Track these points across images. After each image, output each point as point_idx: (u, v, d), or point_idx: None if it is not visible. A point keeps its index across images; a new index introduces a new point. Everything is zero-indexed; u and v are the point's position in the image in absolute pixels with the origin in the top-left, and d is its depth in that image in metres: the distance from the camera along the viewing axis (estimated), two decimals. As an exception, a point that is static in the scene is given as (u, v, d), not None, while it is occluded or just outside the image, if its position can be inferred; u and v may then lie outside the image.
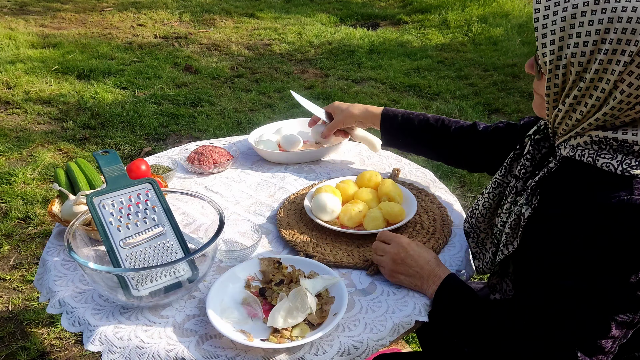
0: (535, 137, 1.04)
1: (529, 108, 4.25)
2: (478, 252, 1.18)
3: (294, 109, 4.15)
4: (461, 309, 1.03)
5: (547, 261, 0.90)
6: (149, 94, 4.38)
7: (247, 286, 1.13)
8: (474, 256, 1.20)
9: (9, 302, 2.27)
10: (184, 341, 1.00)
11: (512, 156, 1.09)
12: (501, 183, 1.10)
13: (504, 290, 1.08)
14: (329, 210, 1.32)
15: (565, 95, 0.90)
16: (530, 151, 1.03)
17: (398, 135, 1.51)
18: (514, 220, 1.00)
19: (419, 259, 1.10)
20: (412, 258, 1.10)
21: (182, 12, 6.94)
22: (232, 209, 1.44)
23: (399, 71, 5.03)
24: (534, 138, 1.04)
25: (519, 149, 1.08)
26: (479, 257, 1.18)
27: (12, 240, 2.62)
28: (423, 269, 1.09)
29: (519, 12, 6.76)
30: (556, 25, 0.86)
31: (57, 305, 1.11)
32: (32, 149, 3.48)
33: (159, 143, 3.63)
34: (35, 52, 5.16)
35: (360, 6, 7.42)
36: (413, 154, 1.59)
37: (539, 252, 0.92)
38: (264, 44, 5.91)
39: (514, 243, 1.00)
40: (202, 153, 1.62)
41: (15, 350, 2.04)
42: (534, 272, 0.93)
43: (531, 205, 0.96)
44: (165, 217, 1.12)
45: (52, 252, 1.25)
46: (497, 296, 1.10)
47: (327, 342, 1.00)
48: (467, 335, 1.03)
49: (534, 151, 1.03)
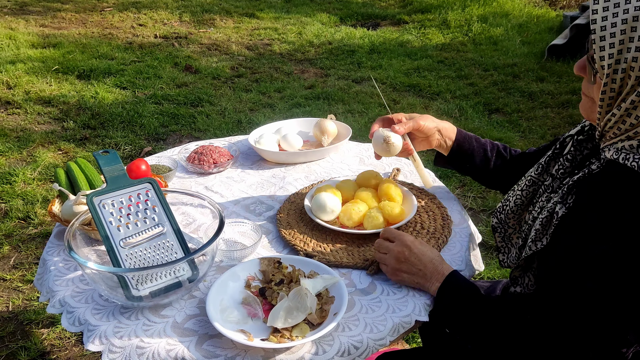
0: (578, 138, 1.01)
1: (529, 108, 4.25)
2: (504, 247, 1.17)
3: (294, 109, 4.15)
4: (464, 306, 1.03)
5: (576, 262, 0.88)
6: (149, 93, 4.38)
7: (247, 286, 1.13)
8: (498, 250, 1.19)
9: (9, 302, 2.27)
10: (184, 341, 1.00)
11: (551, 155, 1.07)
12: (536, 181, 1.08)
13: (526, 284, 1.08)
14: (329, 210, 1.32)
15: (621, 99, 0.86)
16: (571, 151, 1.01)
17: (467, 156, 1.38)
18: (545, 217, 0.98)
19: (422, 257, 1.09)
20: (416, 256, 1.09)
21: (183, 12, 6.94)
22: (232, 208, 1.44)
23: (399, 71, 5.02)
24: (576, 138, 1.01)
25: (559, 148, 1.06)
26: (504, 252, 1.17)
27: (12, 240, 2.62)
28: (426, 267, 1.08)
29: (519, 12, 6.76)
30: (616, 27, 0.82)
31: (57, 305, 1.11)
32: (33, 149, 3.49)
33: (159, 143, 3.63)
34: (35, 52, 5.17)
35: (361, 6, 7.42)
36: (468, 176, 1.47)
37: (568, 252, 0.90)
38: (264, 43, 5.91)
39: (542, 240, 0.99)
40: (202, 153, 1.62)
41: (16, 350, 2.04)
42: (560, 271, 0.92)
43: (566, 204, 0.94)
44: (166, 217, 1.12)
45: (52, 252, 1.25)
46: (517, 289, 1.09)
47: (327, 342, 1.00)
48: (470, 333, 1.02)
49: (575, 152, 1.01)
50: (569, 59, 5.18)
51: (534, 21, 6.45)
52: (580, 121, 1.07)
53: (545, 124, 3.99)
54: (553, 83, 4.74)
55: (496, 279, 2.41)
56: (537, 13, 6.75)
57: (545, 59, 5.23)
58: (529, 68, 5.05)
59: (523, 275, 1.08)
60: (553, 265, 0.94)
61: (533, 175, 1.09)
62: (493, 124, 3.95)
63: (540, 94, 4.50)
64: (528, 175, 1.09)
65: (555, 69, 5.01)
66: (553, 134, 3.82)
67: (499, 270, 2.46)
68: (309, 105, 4.24)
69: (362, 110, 4.15)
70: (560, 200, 0.95)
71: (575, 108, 4.20)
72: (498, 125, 3.93)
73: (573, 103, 4.31)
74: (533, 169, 1.10)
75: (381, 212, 1.31)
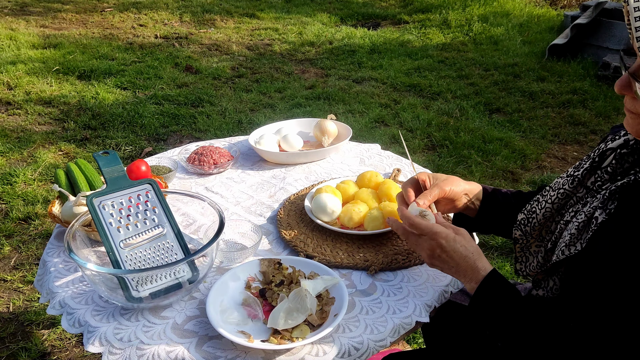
0: (621, 151, 0.97)
1: (530, 108, 4.25)
2: (522, 256, 1.13)
3: (295, 109, 4.15)
4: (503, 309, 0.98)
5: (615, 269, 0.86)
6: (149, 94, 4.38)
7: (247, 287, 1.13)
8: (516, 259, 1.15)
9: (9, 302, 2.27)
10: (184, 342, 1.00)
11: (589, 168, 1.02)
12: (569, 194, 1.04)
13: (550, 287, 1.04)
14: (329, 210, 1.32)
15: None
16: (612, 164, 0.97)
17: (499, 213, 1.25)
18: (583, 222, 0.94)
19: (454, 255, 1.02)
20: (448, 254, 1.02)
21: (183, 13, 6.94)
22: (232, 209, 1.44)
23: (400, 71, 5.02)
24: (619, 152, 0.97)
25: (597, 161, 1.01)
26: (522, 261, 1.13)
27: (12, 240, 2.62)
28: (459, 265, 1.02)
29: (520, 11, 6.75)
30: None
31: (58, 307, 1.11)
32: (33, 150, 3.49)
33: (160, 143, 3.63)
34: (36, 53, 5.17)
35: (361, 6, 7.42)
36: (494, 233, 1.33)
37: (608, 259, 0.88)
38: (265, 44, 5.91)
39: (576, 245, 0.94)
40: (202, 154, 1.62)
41: (16, 350, 2.04)
42: (599, 277, 0.89)
43: (606, 209, 0.90)
44: (166, 218, 1.12)
45: (52, 253, 1.25)
46: (539, 292, 1.06)
47: (327, 343, 1.00)
48: (504, 333, 0.98)
49: (617, 165, 0.97)
50: (570, 58, 5.18)
51: (535, 21, 6.45)
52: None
53: (546, 123, 3.98)
54: (554, 83, 4.73)
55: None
56: (538, 13, 6.75)
57: (546, 59, 5.23)
58: (530, 68, 5.05)
59: (547, 278, 1.05)
60: (590, 272, 0.91)
61: (567, 188, 1.04)
62: (494, 123, 3.95)
63: (541, 94, 4.50)
64: (560, 188, 1.05)
65: (556, 69, 5.01)
66: (554, 134, 3.81)
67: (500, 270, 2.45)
68: (310, 105, 4.23)
69: (362, 111, 4.15)
70: (601, 205, 0.91)
71: (575, 108, 4.20)
72: (499, 125, 3.93)
73: (574, 103, 4.30)
74: (566, 182, 1.05)
75: (382, 213, 1.30)
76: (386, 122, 3.97)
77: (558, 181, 1.06)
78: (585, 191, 1.00)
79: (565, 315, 0.93)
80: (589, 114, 4.10)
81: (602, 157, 1.00)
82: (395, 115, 4.08)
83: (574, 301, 0.93)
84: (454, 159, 3.41)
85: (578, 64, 5.06)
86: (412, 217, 1.05)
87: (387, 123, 3.96)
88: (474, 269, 1.01)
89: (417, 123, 3.91)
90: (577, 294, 0.94)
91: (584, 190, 1.00)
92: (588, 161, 1.02)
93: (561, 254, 0.96)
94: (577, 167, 1.04)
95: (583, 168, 1.02)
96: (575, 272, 0.96)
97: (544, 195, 1.08)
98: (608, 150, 1.00)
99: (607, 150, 1.00)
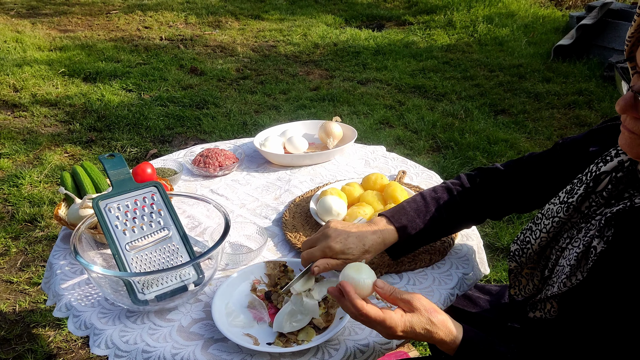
0: (617, 175, 0.94)
1: (535, 109, 4.23)
2: (515, 281, 1.11)
3: (300, 111, 4.15)
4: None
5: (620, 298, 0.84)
6: (154, 96, 4.40)
7: (252, 290, 1.13)
8: (510, 285, 1.12)
9: (16, 304, 2.28)
10: (190, 345, 1.00)
11: (583, 193, 0.99)
12: (565, 222, 1.01)
13: (547, 310, 1.02)
14: (335, 212, 1.32)
15: None
16: (608, 189, 0.95)
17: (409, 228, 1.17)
18: (581, 252, 0.92)
19: (417, 338, 0.95)
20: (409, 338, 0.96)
21: (188, 14, 6.96)
22: (237, 211, 1.44)
23: (405, 72, 5.02)
24: (615, 176, 0.94)
25: (592, 186, 0.98)
26: (515, 285, 1.11)
27: (19, 242, 2.63)
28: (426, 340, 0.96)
29: (525, 12, 6.74)
30: None
31: (64, 309, 1.11)
32: (39, 152, 3.50)
33: (165, 145, 3.64)
34: (42, 55, 5.20)
35: (366, 7, 7.42)
36: None
37: (612, 289, 0.86)
38: (270, 45, 5.92)
39: (577, 275, 0.92)
40: (207, 156, 1.62)
41: (23, 352, 2.05)
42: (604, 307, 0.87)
43: (604, 237, 0.88)
44: (171, 221, 1.12)
45: (58, 256, 1.26)
46: (536, 314, 1.05)
47: (333, 346, 1.00)
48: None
49: (612, 189, 0.95)
50: (575, 59, 5.16)
51: (540, 21, 6.43)
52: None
53: (552, 124, 3.97)
54: (559, 84, 4.71)
55: (504, 282, 2.40)
56: (543, 13, 6.73)
57: (551, 60, 5.21)
58: (535, 69, 5.04)
59: (544, 301, 1.03)
60: (595, 302, 0.89)
61: (562, 216, 1.01)
62: (499, 125, 3.94)
63: (547, 95, 4.48)
64: (554, 216, 1.02)
65: (561, 70, 4.99)
66: (559, 135, 3.80)
67: (505, 273, 2.44)
68: (314, 106, 4.23)
69: (367, 112, 4.15)
70: (598, 234, 0.89)
71: (581, 109, 4.19)
72: (504, 127, 3.92)
73: (579, 104, 4.29)
74: (560, 209, 1.02)
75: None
76: (391, 123, 3.97)
77: (551, 208, 1.03)
78: (579, 216, 0.98)
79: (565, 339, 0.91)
80: (595, 115, 4.08)
81: (597, 181, 0.97)
82: (400, 116, 4.07)
83: (575, 326, 0.92)
84: (459, 160, 3.40)
85: (584, 64, 5.04)
86: (360, 306, 0.90)
87: (392, 124, 3.95)
88: (442, 342, 0.95)
89: (422, 124, 3.90)
90: (577, 319, 0.93)
91: (578, 215, 0.98)
92: (582, 186, 0.98)
93: (562, 286, 0.94)
94: (569, 192, 1.00)
95: (578, 194, 0.99)
96: (576, 299, 0.94)
97: (537, 224, 1.04)
98: (602, 174, 0.96)
99: (602, 174, 0.96)
